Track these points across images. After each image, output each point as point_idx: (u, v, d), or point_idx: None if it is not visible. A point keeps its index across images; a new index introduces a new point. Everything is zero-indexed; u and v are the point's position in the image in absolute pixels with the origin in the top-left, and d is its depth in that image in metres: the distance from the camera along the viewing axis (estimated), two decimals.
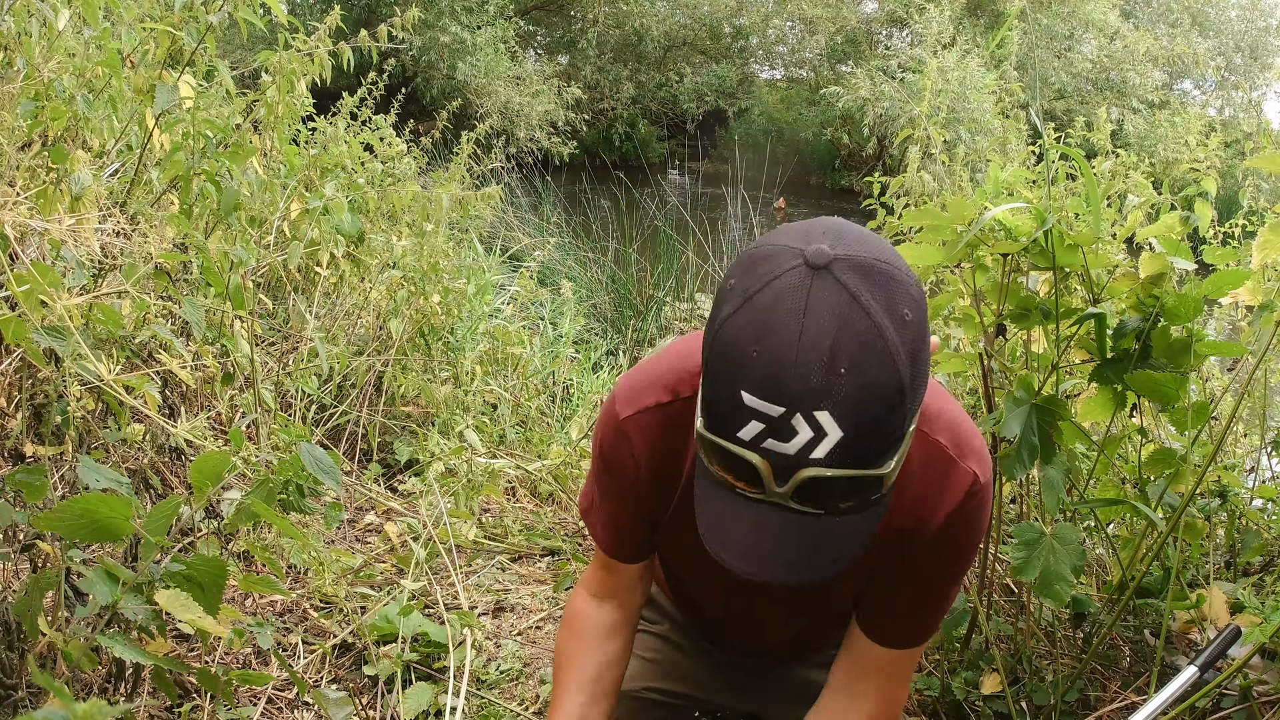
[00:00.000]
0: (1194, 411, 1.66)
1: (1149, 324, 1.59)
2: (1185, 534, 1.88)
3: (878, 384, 0.79)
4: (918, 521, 1.08)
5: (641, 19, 17.85)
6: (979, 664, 2.06)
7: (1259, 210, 2.83)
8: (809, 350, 0.78)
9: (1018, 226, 1.64)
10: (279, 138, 2.99)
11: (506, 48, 15.06)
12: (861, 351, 0.79)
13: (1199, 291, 1.57)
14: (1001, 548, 2.14)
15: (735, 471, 0.86)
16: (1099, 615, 2.01)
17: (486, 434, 3.44)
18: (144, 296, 1.94)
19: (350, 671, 2.14)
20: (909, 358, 0.80)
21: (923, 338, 0.83)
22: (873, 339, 0.79)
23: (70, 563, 1.34)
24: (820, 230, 0.85)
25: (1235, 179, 3.17)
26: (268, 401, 2.46)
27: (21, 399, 1.85)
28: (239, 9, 2.19)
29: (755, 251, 0.86)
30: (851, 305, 0.79)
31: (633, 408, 1.14)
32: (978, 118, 9.50)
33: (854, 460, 0.82)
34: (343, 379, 3.24)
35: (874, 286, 0.80)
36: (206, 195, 2.27)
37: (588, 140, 16.51)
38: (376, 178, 3.66)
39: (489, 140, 5.00)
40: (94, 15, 1.98)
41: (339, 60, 2.85)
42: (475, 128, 4.32)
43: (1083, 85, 15.94)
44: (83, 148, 2.18)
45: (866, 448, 0.82)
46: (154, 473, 2.14)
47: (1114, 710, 1.88)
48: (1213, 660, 1.34)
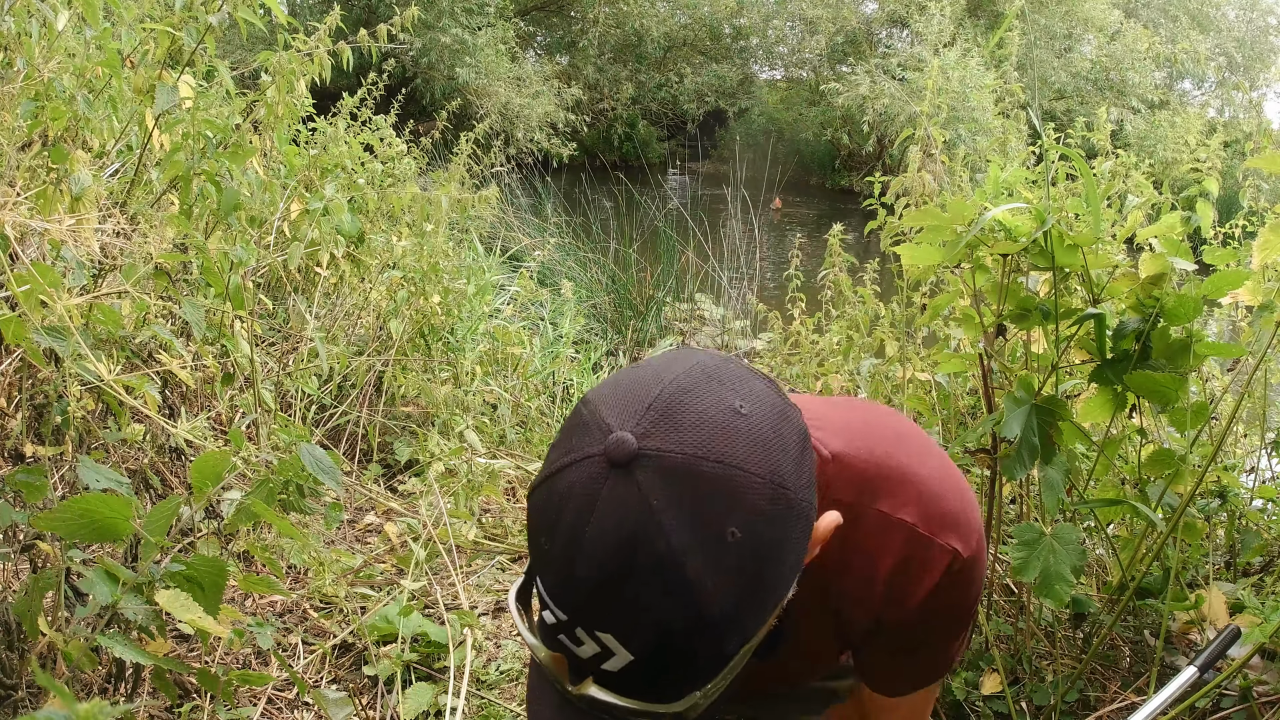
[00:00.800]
0: (1193, 412, 1.66)
1: (1148, 325, 1.59)
2: (1184, 534, 1.88)
3: (666, 619, 0.66)
4: (892, 606, 0.97)
5: (641, 19, 17.84)
6: (979, 664, 2.06)
7: (1259, 211, 2.83)
8: (589, 563, 0.66)
9: (1017, 227, 1.64)
10: (279, 138, 2.99)
11: (506, 48, 15.06)
12: (649, 577, 0.65)
13: (1199, 292, 1.57)
14: (1001, 548, 2.14)
15: (538, 652, 0.75)
16: (1099, 615, 2.02)
17: (486, 434, 3.45)
18: (144, 297, 1.94)
19: (350, 671, 2.14)
20: (724, 582, 0.66)
21: (764, 553, 0.68)
22: (664, 565, 0.65)
23: (70, 563, 1.35)
24: (653, 400, 0.69)
25: (1235, 179, 3.17)
26: (268, 402, 2.46)
27: (21, 399, 1.85)
28: (239, 9, 2.19)
29: (583, 409, 0.73)
30: (645, 520, 0.65)
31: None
32: (978, 118, 9.50)
33: (648, 688, 0.71)
34: (343, 379, 3.24)
35: (684, 496, 0.66)
36: (206, 195, 2.27)
37: (588, 141, 16.51)
38: (376, 178, 3.66)
39: (489, 141, 5.01)
40: (94, 15, 1.98)
41: (339, 60, 2.85)
42: (475, 128, 4.33)
43: (1083, 85, 15.94)
44: (83, 148, 2.18)
45: (663, 677, 0.70)
46: (154, 473, 2.14)
47: (1114, 710, 1.88)
48: (1212, 661, 1.34)
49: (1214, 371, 2.46)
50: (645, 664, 0.69)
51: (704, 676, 0.72)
